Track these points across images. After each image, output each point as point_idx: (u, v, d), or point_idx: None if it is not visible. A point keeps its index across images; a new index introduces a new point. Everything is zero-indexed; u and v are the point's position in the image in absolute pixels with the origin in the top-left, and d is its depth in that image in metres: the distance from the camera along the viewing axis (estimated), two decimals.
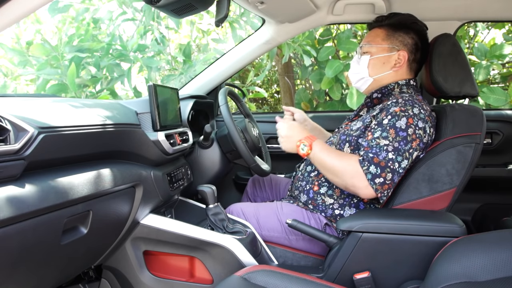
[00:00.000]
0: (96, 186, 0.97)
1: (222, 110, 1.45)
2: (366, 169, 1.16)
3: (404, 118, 1.21)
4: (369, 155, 1.18)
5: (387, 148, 1.18)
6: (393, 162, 1.17)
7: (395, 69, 1.39)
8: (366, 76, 1.42)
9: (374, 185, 1.16)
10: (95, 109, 1.08)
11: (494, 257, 0.84)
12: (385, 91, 1.40)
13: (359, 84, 1.46)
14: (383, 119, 1.24)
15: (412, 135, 1.20)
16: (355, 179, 1.17)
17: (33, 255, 0.84)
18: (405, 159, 1.18)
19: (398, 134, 1.19)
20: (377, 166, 1.16)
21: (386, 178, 1.16)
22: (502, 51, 2.88)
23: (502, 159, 1.97)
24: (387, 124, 1.21)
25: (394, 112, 1.22)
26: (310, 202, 1.39)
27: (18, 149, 0.77)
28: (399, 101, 1.26)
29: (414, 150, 1.20)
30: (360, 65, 1.43)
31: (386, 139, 1.19)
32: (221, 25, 1.10)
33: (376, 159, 1.16)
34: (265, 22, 1.84)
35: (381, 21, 1.43)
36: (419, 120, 1.21)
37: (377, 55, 1.39)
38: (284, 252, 1.35)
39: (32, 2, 0.85)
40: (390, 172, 1.16)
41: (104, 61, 2.98)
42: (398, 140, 1.19)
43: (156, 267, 1.30)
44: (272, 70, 4.49)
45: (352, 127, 1.37)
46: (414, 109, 1.23)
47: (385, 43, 1.39)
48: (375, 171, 1.15)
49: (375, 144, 1.20)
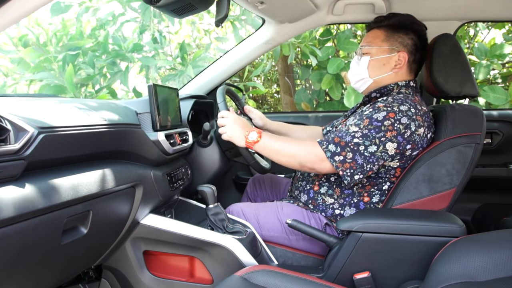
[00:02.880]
0: (96, 186, 0.97)
1: (220, 108, 1.45)
2: (325, 147, 1.19)
3: (384, 112, 1.22)
4: (330, 135, 1.20)
5: (355, 134, 1.20)
6: (356, 145, 1.18)
7: (395, 70, 1.38)
8: (366, 77, 1.41)
9: (334, 162, 1.18)
10: (95, 109, 1.08)
11: (494, 257, 0.84)
12: (384, 91, 1.40)
13: (359, 85, 1.45)
14: (364, 110, 1.27)
15: (388, 126, 1.20)
16: (311, 155, 1.21)
17: (33, 255, 0.84)
18: (374, 144, 1.18)
19: (372, 124, 1.21)
20: (336, 145, 1.18)
21: (346, 157, 1.17)
22: (502, 51, 2.89)
23: (502, 159, 1.97)
24: (365, 115, 1.24)
25: (378, 107, 1.24)
26: (310, 202, 1.39)
27: (18, 149, 0.77)
28: (388, 99, 1.28)
29: (388, 140, 1.19)
30: (359, 66, 1.42)
31: (357, 126, 1.21)
32: (221, 25, 1.10)
33: (336, 139, 1.19)
34: (265, 22, 1.84)
35: (380, 21, 1.42)
36: (404, 117, 1.21)
37: (377, 56, 1.39)
38: (284, 252, 1.35)
39: (32, 2, 0.85)
40: (351, 151, 1.18)
41: (101, 60, 2.97)
42: (369, 128, 1.20)
43: (156, 267, 1.30)
44: (272, 70, 4.49)
45: (347, 122, 1.37)
46: (401, 107, 1.23)
47: (385, 44, 1.38)
48: (334, 149, 1.18)
49: (345, 129, 1.22)
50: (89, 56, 2.89)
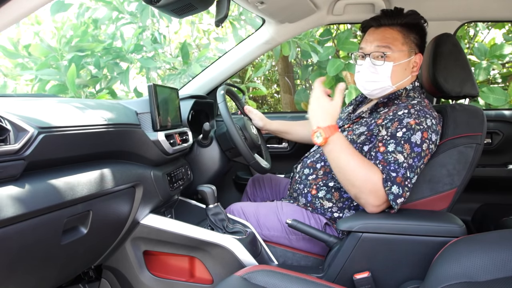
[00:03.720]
0: (96, 186, 0.97)
1: (221, 108, 1.45)
2: (388, 189, 1.11)
3: (419, 132, 1.15)
4: (391, 174, 1.11)
5: (404, 165, 1.13)
6: (410, 180, 1.13)
7: (413, 74, 1.32)
8: (388, 85, 1.30)
9: (396, 205, 1.12)
10: (95, 109, 1.08)
11: (494, 257, 0.84)
12: (392, 96, 1.33)
13: (375, 92, 1.33)
14: (396, 131, 1.17)
15: (426, 151, 1.17)
16: (372, 196, 1.12)
17: (33, 255, 0.84)
18: (416, 175, 1.16)
19: (413, 150, 1.14)
20: (399, 186, 1.11)
21: (405, 197, 1.13)
22: (502, 51, 2.88)
23: (502, 159, 1.97)
24: (402, 138, 1.15)
25: (410, 125, 1.16)
26: (308, 205, 1.38)
27: (18, 149, 0.77)
28: (411, 112, 1.19)
29: (424, 164, 1.19)
30: (380, 74, 1.29)
31: (401, 154, 1.13)
32: (221, 25, 1.10)
33: (398, 178, 1.11)
34: (265, 22, 1.84)
35: (392, 18, 1.29)
36: (433, 133, 1.18)
37: (399, 61, 1.28)
38: (284, 252, 1.35)
39: (32, 2, 0.84)
40: (408, 190, 1.14)
41: (103, 59, 2.98)
42: (413, 156, 1.14)
43: (156, 267, 1.30)
44: (272, 70, 4.49)
45: (355, 131, 1.32)
46: (427, 121, 1.18)
47: (405, 47, 1.28)
48: (398, 191, 1.11)
49: (392, 159, 1.13)
50: (95, 57, 2.90)
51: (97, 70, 2.96)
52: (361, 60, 1.35)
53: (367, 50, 1.31)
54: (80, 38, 2.94)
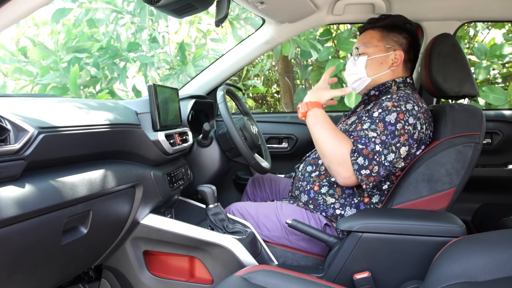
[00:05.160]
0: (96, 186, 0.97)
1: (221, 108, 1.45)
2: (354, 159, 1.18)
3: (395, 113, 1.22)
4: (358, 146, 1.20)
5: (375, 140, 1.20)
6: (379, 155, 1.18)
7: (392, 69, 1.41)
8: (364, 77, 1.42)
9: (360, 175, 1.18)
10: (95, 109, 1.08)
11: (494, 257, 0.84)
12: (382, 88, 1.42)
13: (356, 85, 1.46)
14: (373, 112, 1.26)
15: (401, 130, 1.21)
16: (341, 167, 1.20)
17: (33, 255, 0.84)
18: (391, 152, 1.20)
19: (386, 128, 1.21)
20: (365, 158, 1.18)
21: (372, 171, 1.18)
22: (502, 51, 2.89)
23: (502, 159, 1.97)
24: (377, 117, 1.24)
25: (386, 107, 1.25)
26: (311, 202, 1.39)
27: (18, 149, 0.77)
28: (393, 97, 1.28)
29: (402, 144, 1.21)
30: (357, 66, 1.43)
31: (374, 132, 1.21)
32: (221, 25, 1.10)
33: (365, 150, 1.18)
34: (265, 22, 1.84)
35: (373, 23, 1.44)
36: (410, 116, 1.23)
37: (374, 55, 1.40)
38: (284, 252, 1.35)
39: (32, 2, 0.85)
40: (377, 164, 1.18)
41: (101, 59, 2.98)
42: (386, 133, 1.20)
43: (156, 267, 1.30)
44: (272, 70, 4.49)
45: (348, 122, 1.41)
46: (407, 105, 1.24)
47: (381, 43, 1.41)
48: (363, 163, 1.17)
49: (363, 134, 1.22)
50: (94, 57, 2.90)
51: (96, 70, 2.96)
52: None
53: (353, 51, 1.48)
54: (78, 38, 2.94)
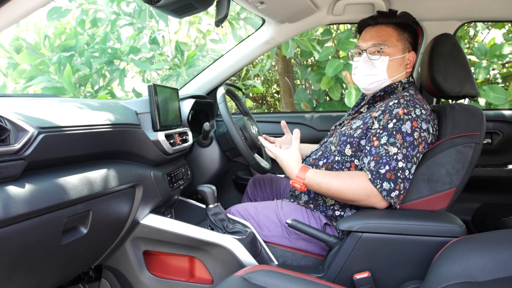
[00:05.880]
0: (96, 186, 0.97)
1: (221, 108, 1.45)
2: (379, 187, 1.16)
3: (409, 122, 1.19)
4: (379, 171, 1.16)
5: (397, 157, 1.17)
6: (403, 171, 1.16)
7: (407, 70, 1.38)
8: (384, 78, 1.36)
9: (391, 199, 1.16)
10: (95, 109, 1.08)
11: (494, 257, 0.84)
12: (388, 89, 1.38)
13: (373, 86, 1.38)
14: (387, 122, 1.22)
15: (418, 139, 1.20)
16: (371, 199, 1.18)
17: (33, 255, 0.84)
18: (414, 164, 1.19)
19: (405, 140, 1.18)
20: (389, 181, 1.15)
21: (400, 190, 1.17)
22: (502, 51, 2.89)
23: (502, 159, 1.97)
24: (393, 128, 1.20)
25: (398, 115, 1.21)
26: (311, 202, 1.39)
27: (18, 149, 0.77)
28: (401, 102, 1.24)
29: (420, 153, 1.22)
30: (377, 67, 1.35)
31: (394, 146, 1.18)
32: (221, 25, 1.10)
33: (388, 174, 1.16)
34: (265, 22, 1.84)
35: (388, 17, 1.36)
36: (422, 122, 1.21)
37: (395, 56, 1.34)
38: (284, 252, 1.35)
39: (32, 2, 0.85)
40: (402, 182, 1.16)
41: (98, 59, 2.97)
42: (406, 145, 1.18)
43: (156, 267, 1.30)
44: (272, 70, 4.49)
45: (352, 125, 1.35)
46: (416, 110, 1.22)
47: (399, 43, 1.35)
48: (389, 187, 1.16)
49: (384, 153, 1.18)
50: (86, 57, 2.89)
51: (89, 70, 2.93)
52: (357, 57, 1.42)
53: (364, 47, 1.37)
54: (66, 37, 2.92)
